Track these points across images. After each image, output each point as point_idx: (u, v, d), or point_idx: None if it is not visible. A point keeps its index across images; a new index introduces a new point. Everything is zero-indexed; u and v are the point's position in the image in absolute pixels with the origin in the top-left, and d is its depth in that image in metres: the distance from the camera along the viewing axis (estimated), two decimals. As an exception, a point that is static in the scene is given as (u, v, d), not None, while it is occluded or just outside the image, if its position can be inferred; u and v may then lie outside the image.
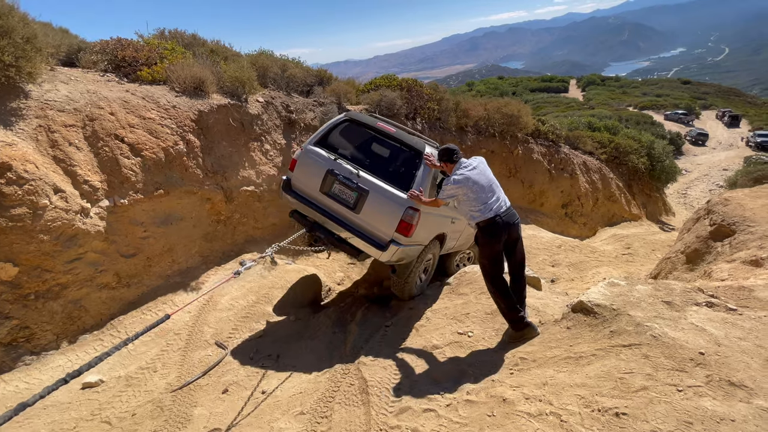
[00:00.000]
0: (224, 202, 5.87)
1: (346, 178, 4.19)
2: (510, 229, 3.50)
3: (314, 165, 4.38)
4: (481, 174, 3.56)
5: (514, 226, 3.54)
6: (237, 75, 5.92)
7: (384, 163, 4.40)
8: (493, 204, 3.48)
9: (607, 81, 75.28)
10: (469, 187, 3.47)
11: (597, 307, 3.25)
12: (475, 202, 3.48)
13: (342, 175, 4.21)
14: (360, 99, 8.66)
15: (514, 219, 3.55)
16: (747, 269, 4.28)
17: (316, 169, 4.35)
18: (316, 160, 4.38)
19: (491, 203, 3.48)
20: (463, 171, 3.57)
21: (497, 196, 3.56)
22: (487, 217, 3.41)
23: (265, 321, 5.11)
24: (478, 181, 3.50)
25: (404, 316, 4.66)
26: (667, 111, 49.67)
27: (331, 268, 7.03)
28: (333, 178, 4.25)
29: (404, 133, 4.48)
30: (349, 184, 4.17)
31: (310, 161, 4.42)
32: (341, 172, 4.23)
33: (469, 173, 3.53)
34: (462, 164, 3.63)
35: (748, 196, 5.63)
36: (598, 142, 15.69)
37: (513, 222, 3.53)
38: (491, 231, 3.44)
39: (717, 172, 31.43)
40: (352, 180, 4.17)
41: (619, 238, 12.80)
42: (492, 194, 3.53)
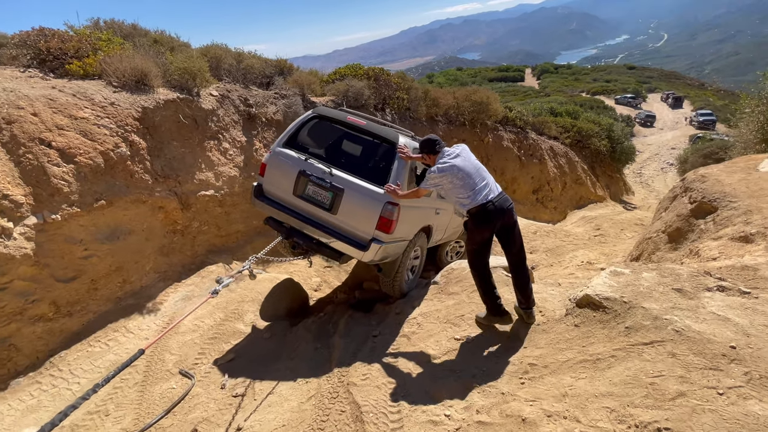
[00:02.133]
0: (180, 210, 5.22)
1: (319, 178, 3.95)
2: (504, 214, 3.31)
3: (285, 167, 4.12)
4: (466, 160, 3.37)
5: (507, 211, 3.33)
6: (186, 66, 5.26)
7: (358, 159, 4.14)
8: (483, 189, 3.31)
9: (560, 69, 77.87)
10: (454, 174, 3.30)
11: (606, 300, 2.98)
12: (463, 189, 3.31)
13: (314, 175, 3.97)
14: (325, 90, 8.13)
15: (506, 204, 3.35)
16: (737, 246, 4.19)
17: (287, 171, 4.10)
18: (287, 162, 4.12)
19: (480, 188, 3.31)
20: (447, 159, 3.37)
21: (486, 181, 3.38)
22: (479, 203, 3.26)
23: (237, 341, 4.57)
24: (463, 167, 3.31)
25: (392, 323, 4.26)
26: (617, 95, 51.96)
27: (306, 274, 6.52)
28: (306, 180, 4.01)
29: (376, 125, 4.19)
30: (323, 184, 3.94)
31: (280, 164, 4.17)
32: (313, 172, 3.99)
33: (453, 161, 3.34)
34: (445, 153, 3.44)
35: (723, 172, 5.64)
36: (562, 126, 15.92)
37: (506, 207, 3.33)
38: (483, 217, 3.29)
39: (666, 151, 33.21)
40: (326, 179, 3.94)
41: (588, 219, 13.00)
42: (481, 180, 3.35)
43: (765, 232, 4.02)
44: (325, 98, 7.85)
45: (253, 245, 6.44)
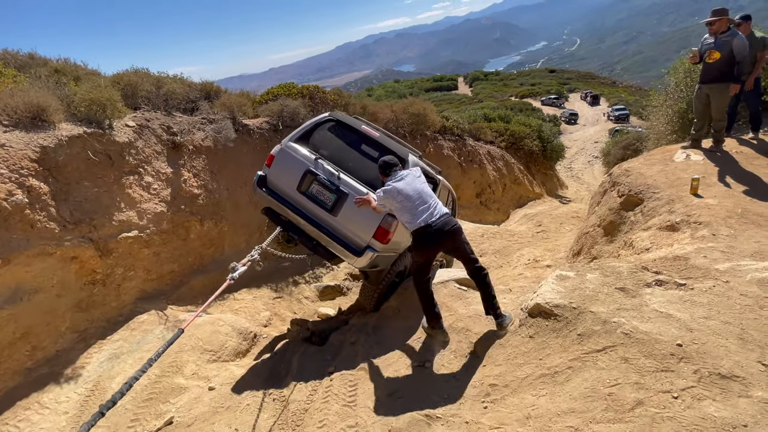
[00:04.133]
0: (98, 257, 4.64)
1: (326, 179, 4.07)
2: (444, 237, 3.41)
3: (293, 162, 4.23)
4: (408, 185, 3.47)
5: (449, 234, 3.42)
6: (92, 96, 4.72)
7: (365, 168, 4.19)
8: (423, 213, 3.40)
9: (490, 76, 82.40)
10: (394, 197, 3.44)
11: (556, 308, 2.97)
12: (403, 211, 3.45)
13: (322, 175, 4.09)
14: (258, 111, 7.77)
15: (447, 226, 3.42)
16: (665, 235, 4.45)
17: (295, 166, 4.20)
18: (296, 158, 4.24)
19: (420, 212, 3.40)
20: (391, 182, 3.51)
21: (428, 204, 3.46)
22: (417, 226, 3.38)
23: (176, 399, 4.08)
24: (403, 190, 3.42)
25: (347, 356, 4.02)
26: (542, 97, 55.80)
27: (253, 308, 6.08)
28: (312, 178, 4.12)
29: (388, 139, 4.38)
30: (329, 186, 4.05)
31: (288, 158, 4.27)
32: (321, 172, 4.11)
33: (395, 184, 3.47)
34: (396, 175, 3.56)
35: (644, 165, 6.05)
36: (496, 131, 16.65)
37: (447, 230, 3.41)
38: (420, 240, 3.44)
39: (591, 145, 36.02)
40: (333, 182, 4.05)
41: (529, 217, 13.59)
42: (422, 203, 3.44)
43: (688, 220, 4.30)
44: (259, 120, 7.50)
45: (190, 285, 5.91)
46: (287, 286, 6.79)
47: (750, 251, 3.41)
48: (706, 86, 5.57)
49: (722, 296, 2.72)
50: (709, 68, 5.47)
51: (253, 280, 6.52)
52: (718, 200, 4.51)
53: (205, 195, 6.23)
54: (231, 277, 3.12)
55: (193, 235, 6.02)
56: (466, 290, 4.31)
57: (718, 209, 4.29)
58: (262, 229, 6.78)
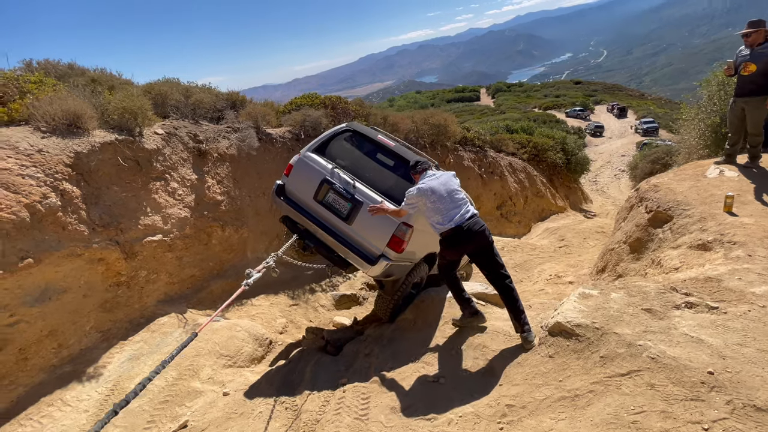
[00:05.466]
0: (123, 260, 4.78)
1: (342, 188, 4.12)
2: (474, 237, 3.44)
3: (310, 172, 4.32)
4: (442, 185, 3.52)
5: (479, 234, 3.46)
6: (125, 105, 4.92)
7: (381, 177, 4.27)
8: (454, 215, 3.42)
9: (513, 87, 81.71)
10: (428, 197, 3.45)
11: (578, 327, 2.86)
12: (435, 212, 3.46)
13: (338, 184, 4.15)
14: (281, 121, 7.92)
15: (477, 227, 3.47)
16: (697, 254, 4.25)
17: (312, 176, 4.29)
18: (313, 168, 4.33)
19: (451, 214, 3.42)
20: (425, 181, 3.53)
21: (459, 206, 3.48)
22: (448, 227, 3.40)
23: (192, 402, 4.12)
24: (436, 190, 3.45)
25: (361, 368, 3.99)
26: (567, 109, 54.91)
27: (270, 315, 6.12)
28: (328, 187, 4.18)
29: (403, 149, 4.42)
30: (344, 195, 4.10)
31: (306, 168, 4.37)
32: (337, 181, 4.18)
33: (430, 183, 3.49)
34: (427, 175, 3.61)
35: (673, 180, 5.83)
36: (518, 143, 16.42)
37: (477, 230, 3.46)
38: (452, 241, 3.46)
39: (617, 158, 35.09)
40: (348, 190, 4.10)
41: (552, 231, 13.27)
42: (453, 205, 3.47)
43: (721, 239, 4.11)
44: (282, 129, 7.64)
45: (210, 289, 6.01)
46: (304, 293, 6.82)
47: (789, 274, 3.21)
48: (741, 99, 5.36)
49: (758, 322, 2.56)
50: (744, 81, 5.27)
51: (270, 287, 6.58)
52: (754, 219, 4.29)
53: (228, 201, 6.37)
54: (246, 283, 3.15)
55: (215, 241, 6.14)
56: (485, 305, 4.22)
57: (754, 229, 4.08)
58: (281, 236, 6.86)
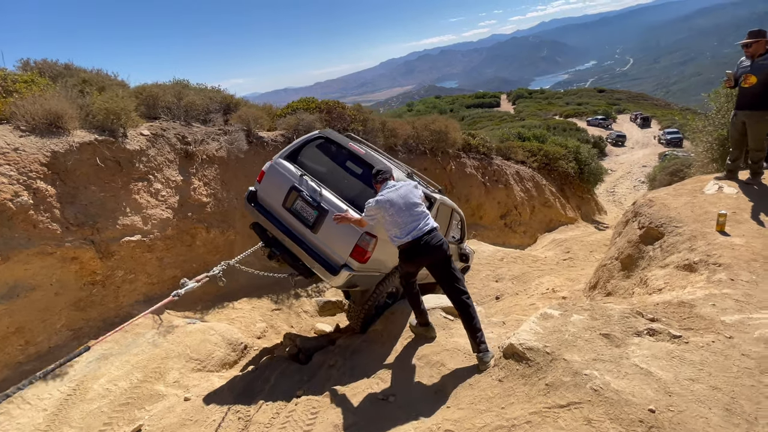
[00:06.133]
0: (99, 259, 4.82)
1: (309, 196, 4.08)
2: (432, 251, 3.31)
3: (280, 179, 4.28)
4: (401, 197, 3.38)
5: (436, 248, 3.32)
6: (107, 106, 4.98)
7: (349, 185, 4.21)
8: (412, 228, 3.30)
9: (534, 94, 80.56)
10: (386, 209, 3.35)
11: (529, 351, 2.69)
12: (393, 225, 3.35)
13: (305, 192, 4.11)
14: (276, 124, 7.94)
15: (435, 241, 3.32)
16: (682, 275, 4.00)
17: (282, 183, 4.26)
18: (283, 174, 4.30)
19: (410, 227, 3.30)
20: (384, 192, 3.44)
21: (417, 219, 3.35)
22: (405, 241, 3.30)
23: (152, 406, 4.10)
24: (395, 203, 3.34)
25: (321, 378, 3.89)
26: (589, 117, 53.78)
27: (250, 319, 6.08)
28: (296, 195, 4.14)
29: (373, 156, 4.30)
30: (311, 202, 4.05)
31: (276, 174, 4.34)
32: (305, 188, 4.13)
33: (389, 195, 3.39)
34: (387, 186, 3.49)
35: (670, 195, 5.54)
36: (529, 151, 16.09)
37: (435, 244, 3.31)
38: (407, 255, 3.38)
39: (638, 169, 34.08)
40: (315, 198, 4.05)
41: (558, 242, 12.90)
42: (411, 217, 3.34)
43: (707, 260, 3.84)
44: (275, 132, 7.65)
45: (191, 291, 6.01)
46: (288, 298, 6.77)
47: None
48: (742, 113, 5.05)
49: (719, 355, 2.35)
50: (745, 93, 4.96)
51: (254, 290, 6.55)
52: (745, 240, 4.00)
53: (214, 203, 6.38)
54: (176, 294, 3.06)
55: (199, 242, 6.15)
56: (453, 320, 4.06)
57: (743, 250, 3.80)
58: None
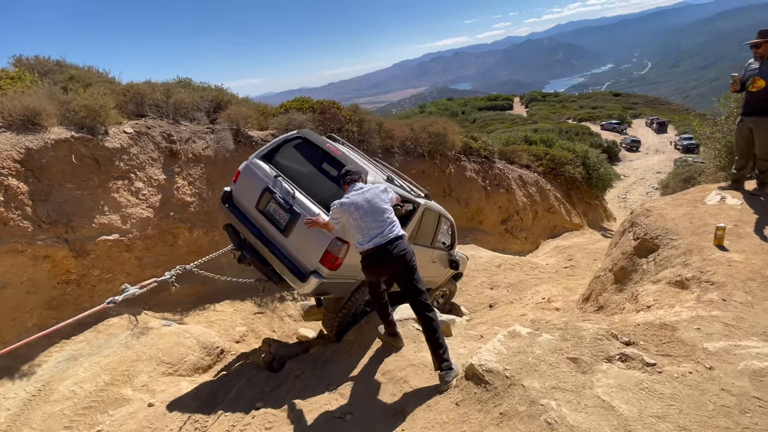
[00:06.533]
0: (73, 258, 4.74)
1: (282, 198, 3.92)
2: (394, 261, 3.10)
3: (254, 179, 4.14)
4: (366, 201, 3.18)
5: (398, 258, 3.10)
6: (86, 103, 4.91)
7: (323, 188, 4.04)
8: (375, 235, 3.11)
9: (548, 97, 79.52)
10: (350, 212, 3.17)
11: (488, 373, 2.49)
12: (356, 230, 3.18)
13: (278, 194, 3.95)
14: (269, 123, 7.83)
15: (398, 250, 3.11)
16: (673, 292, 3.73)
17: (256, 184, 4.11)
18: (257, 175, 4.15)
19: (372, 233, 3.11)
20: (350, 195, 3.25)
21: (381, 225, 3.14)
22: (366, 248, 3.11)
23: (116, 410, 3.99)
24: (360, 206, 3.16)
25: (284, 390, 3.73)
26: (603, 121, 52.85)
27: (230, 322, 5.96)
28: (270, 196, 3.98)
29: (350, 158, 4.09)
30: (283, 205, 3.89)
31: (251, 175, 4.19)
32: (278, 190, 3.97)
33: (354, 197, 3.20)
34: (354, 188, 3.30)
35: (669, 205, 5.24)
36: (534, 155, 15.73)
37: (397, 254, 3.10)
38: (368, 263, 3.19)
39: (652, 175, 33.28)
40: (287, 201, 3.89)
41: (561, 249, 12.55)
42: (375, 223, 3.13)
43: (700, 278, 3.57)
44: (266, 132, 7.54)
45: (170, 291, 5.91)
46: (272, 301, 6.63)
47: (763, 328, 2.69)
48: (748, 119, 4.74)
49: (695, 388, 2.11)
50: (752, 98, 4.65)
51: (238, 292, 6.43)
52: (744, 256, 3.72)
53: (199, 203, 6.28)
54: (111, 301, 2.90)
55: (181, 242, 6.06)
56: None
57: (740, 267, 3.52)
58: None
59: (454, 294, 7.45)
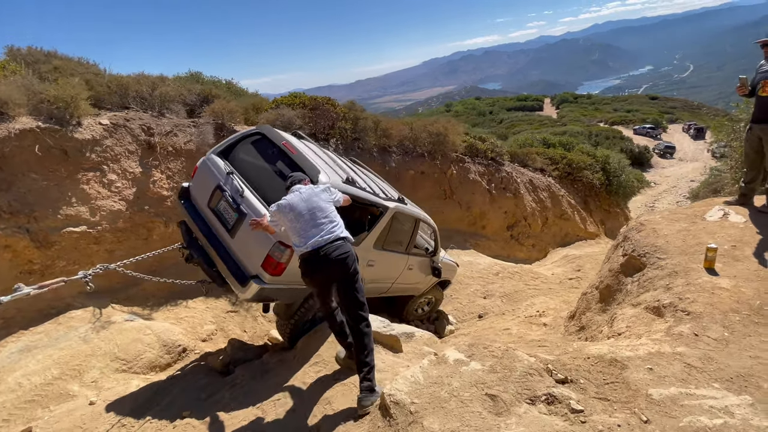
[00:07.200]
0: (35, 248, 4.73)
1: (231, 196, 3.73)
2: (331, 266, 2.87)
3: (209, 176, 3.99)
4: (303, 201, 3.01)
5: (336, 262, 2.87)
6: (55, 93, 4.88)
7: (276, 187, 3.81)
8: (312, 236, 2.90)
9: (580, 98, 77.01)
10: (285, 213, 3.01)
11: (395, 405, 2.20)
12: (293, 232, 3.00)
13: (228, 191, 3.76)
14: (258, 119, 7.70)
15: (337, 254, 2.87)
16: (648, 319, 3.31)
17: (209, 180, 3.96)
18: (212, 171, 4.00)
19: (309, 234, 2.91)
20: (287, 196, 3.09)
21: (319, 226, 2.93)
22: (303, 251, 2.91)
23: (57, 406, 3.92)
24: (295, 207, 2.98)
25: (216, 399, 3.55)
26: (636, 125, 50.72)
27: (200, 320, 5.85)
28: (221, 194, 3.80)
29: (304, 157, 3.83)
30: (232, 204, 3.70)
31: (206, 171, 4.06)
32: (229, 188, 3.78)
33: (291, 198, 3.04)
34: (293, 189, 3.13)
35: (666, 219, 4.75)
36: (549, 158, 15.05)
37: (336, 257, 2.86)
38: (305, 267, 2.96)
39: (685, 183, 31.52)
40: (236, 199, 3.70)
41: (570, 259, 11.92)
42: (312, 224, 2.93)
43: (677, 305, 3.15)
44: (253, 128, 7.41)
45: (143, 286, 5.85)
46: (247, 300, 6.49)
47: (734, 372, 2.28)
48: (758, 127, 4.22)
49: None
50: (763, 103, 4.14)
51: (213, 289, 6.33)
52: (734, 282, 3.26)
53: (176, 197, 6.20)
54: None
55: (156, 237, 6.00)
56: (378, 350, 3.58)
57: (725, 296, 3.08)
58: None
59: (440, 302, 7.12)
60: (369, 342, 2.85)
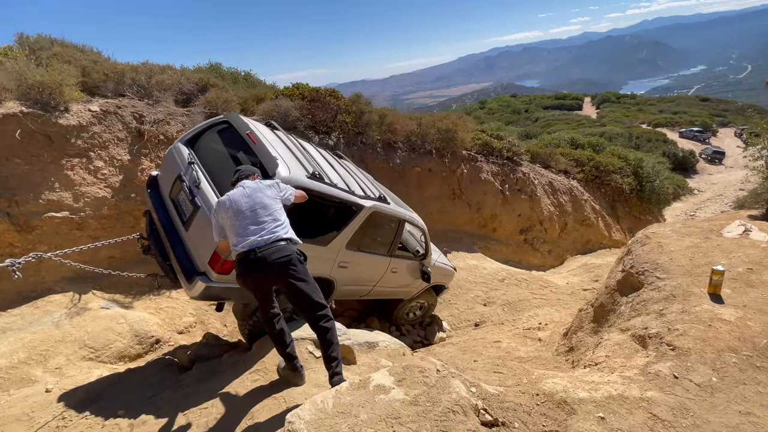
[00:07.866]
0: (15, 232, 4.76)
1: (188, 187, 3.56)
2: (269, 269, 2.65)
3: (172, 165, 3.87)
4: (246, 196, 2.81)
5: (275, 265, 2.64)
6: (41, 79, 4.89)
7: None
8: (250, 235, 2.69)
9: (623, 98, 73.19)
10: (224, 210, 2.82)
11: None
12: (231, 230, 2.79)
13: (187, 182, 3.59)
14: (255, 109, 7.57)
15: (276, 256, 2.65)
16: (631, 350, 2.85)
17: (172, 169, 3.84)
18: (176, 160, 3.87)
19: (247, 232, 2.70)
20: (230, 191, 2.91)
21: (260, 224, 2.71)
22: (240, 251, 2.70)
23: (17, 391, 3.91)
24: (236, 203, 2.79)
25: (155, 400, 3.38)
26: (682, 128, 47.69)
27: (179, 311, 5.78)
28: (180, 184, 3.65)
29: (265, 148, 3.60)
30: (188, 195, 3.53)
31: (170, 160, 3.94)
32: (188, 178, 3.60)
33: (232, 195, 2.86)
34: (239, 185, 2.95)
35: (676, 233, 4.18)
36: (575, 160, 14.20)
37: (274, 260, 2.64)
38: (239, 268, 2.76)
39: (732, 192, 29.19)
40: (192, 191, 3.52)
41: (589, 268, 11.15)
42: (252, 222, 2.71)
43: (664, 336, 2.68)
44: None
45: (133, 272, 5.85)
46: (232, 294, 6.38)
47: (716, 429, 1.84)
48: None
49: None
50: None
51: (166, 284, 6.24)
52: (741, 314, 2.74)
53: (146, 186, 6.17)
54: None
55: (143, 225, 5.97)
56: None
57: (724, 330, 2.58)
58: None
59: (433, 307, 6.77)
60: (332, 336, 2.72)
